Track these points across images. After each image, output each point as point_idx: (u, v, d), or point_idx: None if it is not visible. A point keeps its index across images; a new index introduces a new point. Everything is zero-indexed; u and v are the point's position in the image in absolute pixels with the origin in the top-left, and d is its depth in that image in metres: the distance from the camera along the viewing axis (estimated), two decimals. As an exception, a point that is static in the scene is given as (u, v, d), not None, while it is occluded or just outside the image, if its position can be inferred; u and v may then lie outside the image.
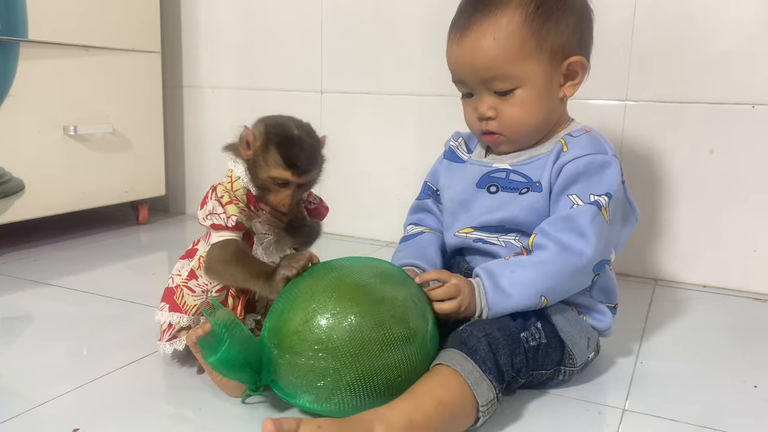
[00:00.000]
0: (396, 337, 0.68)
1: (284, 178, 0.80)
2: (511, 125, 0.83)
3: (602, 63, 1.28)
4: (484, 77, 0.82)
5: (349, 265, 0.75)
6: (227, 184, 0.83)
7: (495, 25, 0.80)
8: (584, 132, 0.84)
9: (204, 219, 0.82)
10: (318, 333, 0.67)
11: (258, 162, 0.81)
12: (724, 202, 1.25)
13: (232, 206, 0.81)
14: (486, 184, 0.86)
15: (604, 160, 0.80)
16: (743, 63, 1.19)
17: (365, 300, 0.69)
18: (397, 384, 0.68)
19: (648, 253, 1.32)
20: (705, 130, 1.24)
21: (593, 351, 0.85)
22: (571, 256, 0.76)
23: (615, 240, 0.82)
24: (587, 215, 0.77)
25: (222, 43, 1.71)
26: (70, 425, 0.71)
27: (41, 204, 1.42)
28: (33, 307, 1.10)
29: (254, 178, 0.82)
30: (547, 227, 0.78)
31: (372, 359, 0.67)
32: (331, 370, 0.67)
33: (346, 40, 1.54)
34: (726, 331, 1.07)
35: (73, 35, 1.44)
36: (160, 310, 0.85)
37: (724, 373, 0.90)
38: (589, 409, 0.78)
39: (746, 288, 1.25)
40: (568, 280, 0.78)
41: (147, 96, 1.66)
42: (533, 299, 0.76)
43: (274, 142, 0.80)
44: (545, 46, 0.80)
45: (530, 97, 0.81)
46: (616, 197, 0.80)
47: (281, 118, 0.84)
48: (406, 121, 1.51)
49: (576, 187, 0.79)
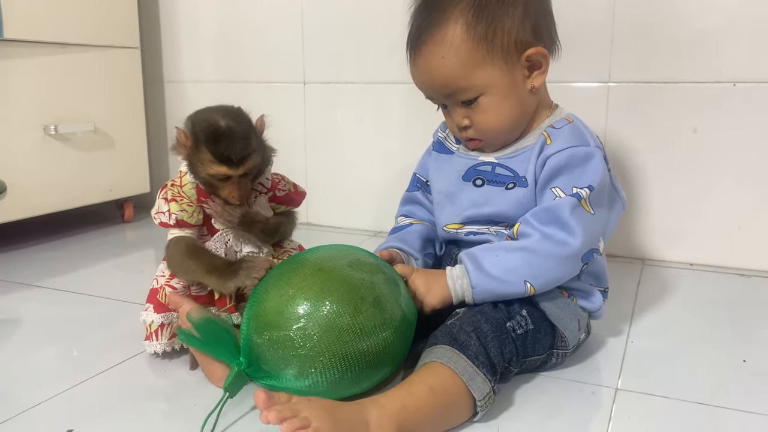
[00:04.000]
0: (375, 322, 0.69)
1: (222, 174, 0.78)
2: (486, 131, 0.83)
3: (584, 45, 1.29)
4: (445, 93, 0.82)
5: (325, 252, 0.76)
6: (177, 180, 0.83)
7: (440, 42, 0.79)
8: (566, 123, 0.83)
9: (153, 217, 0.83)
10: (296, 316, 0.69)
11: (194, 162, 0.80)
12: (708, 180, 1.26)
13: (174, 204, 0.81)
14: (472, 177, 0.86)
15: (587, 152, 0.80)
16: (724, 41, 1.20)
17: (342, 286, 0.70)
18: (376, 361, 0.70)
19: (634, 234, 1.33)
20: (688, 109, 1.25)
21: (584, 332, 0.86)
22: (555, 245, 0.76)
23: (602, 229, 0.82)
24: (566, 207, 0.77)
25: (202, 37, 1.69)
26: (64, 426, 0.70)
27: (25, 205, 1.40)
28: (21, 310, 1.09)
29: (197, 176, 0.82)
30: (530, 218, 0.79)
31: (349, 344, 0.68)
32: (312, 343, 0.68)
33: (327, 29, 1.53)
34: (713, 307, 1.08)
35: (49, 33, 1.42)
36: (144, 310, 0.85)
37: (713, 348, 0.91)
38: (583, 389, 0.79)
39: (732, 265, 1.26)
40: (554, 269, 0.77)
41: (128, 92, 1.64)
42: (518, 285, 0.76)
43: (202, 141, 0.78)
44: (495, 49, 0.79)
45: (496, 101, 0.81)
46: (600, 188, 0.80)
47: (207, 112, 0.81)
48: (391, 110, 1.50)
49: (559, 179, 0.79)
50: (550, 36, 0.84)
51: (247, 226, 0.83)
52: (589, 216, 0.78)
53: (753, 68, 1.19)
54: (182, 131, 0.80)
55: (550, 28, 0.84)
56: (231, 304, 0.82)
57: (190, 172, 0.82)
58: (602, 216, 0.81)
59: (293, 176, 0.93)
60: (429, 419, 0.67)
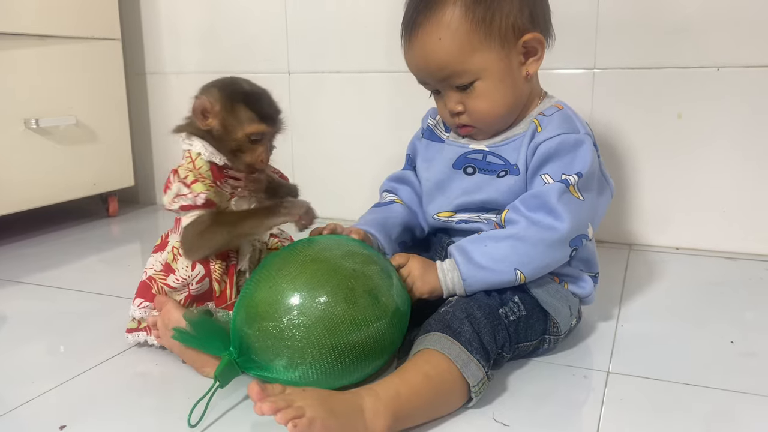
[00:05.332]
0: (367, 313, 0.69)
1: (261, 132, 0.81)
2: (481, 117, 0.83)
3: (569, 32, 1.29)
4: (440, 77, 0.81)
5: (317, 243, 0.76)
6: (188, 164, 0.81)
7: (437, 24, 0.78)
8: (557, 110, 0.83)
9: (171, 203, 0.81)
10: (287, 308, 0.68)
11: (227, 126, 0.80)
12: (693, 164, 1.27)
13: (198, 184, 0.79)
14: (462, 165, 0.86)
15: (577, 139, 0.80)
16: (707, 26, 1.21)
17: (334, 277, 0.70)
18: (368, 352, 0.70)
19: (621, 219, 1.34)
20: (672, 94, 1.25)
21: (576, 318, 0.86)
22: (542, 231, 0.76)
23: (591, 214, 0.82)
24: (554, 193, 0.77)
25: (184, 27, 1.67)
26: (55, 423, 0.70)
27: (6, 201, 1.38)
28: (5, 307, 1.07)
29: (222, 146, 0.81)
30: (519, 204, 0.79)
31: (341, 336, 0.68)
32: (303, 334, 0.67)
33: (311, 18, 1.52)
34: (700, 290, 1.10)
35: (28, 25, 1.39)
36: (139, 306, 0.83)
37: (701, 331, 0.92)
38: (575, 373, 0.79)
39: (717, 248, 1.28)
40: (542, 254, 0.77)
41: (110, 85, 1.61)
42: (509, 273, 0.77)
43: (239, 101, 0.80)
44: (493, 33, 0.78)
45: (492, 86, 0.80)
46: (589, 174, 0.79)
47: (227, 79, 0.84)
48: (377, 99, 1.50)
49: (548, 166, 0.80)
50: (546, 23, 0.84)
51: (272, 191, 0.84)
52: (577, 201, 0.78)
53: (736, 53, 1.20)
54: (206, 99, 0.80)
55: (546, 15, 0.84)
56: (230, 302, 0.81)
57: (211, 143, 0.81)
58: (591, 202, 0.81)
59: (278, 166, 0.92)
60: (424, 406, 0.67)
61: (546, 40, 0.83)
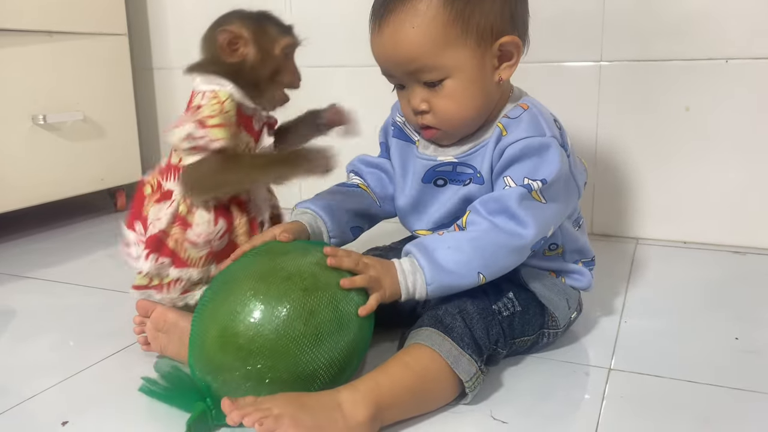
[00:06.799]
0: (326, 324, 0.67)
1: (293, 43, 0.87)
2: (446, 119, 0.78)
3: (576, 24, 1.28)
4: (408, 69, 0.76)
5: (256, 267, 0.71)
6: (215, 104, 0.78)
7: (413, 11, 0.73)
8: (522, 110, 0.78)
9: (180, 142, 0.77)
10: (237, 341, 0.65)
11: (263, 47, 0.83)
12: (701, 158, 1.25)
13: (218, 130, 0.76)
14: (432, 178, 0.83)
15: (542, 143, 0.75)
16: (716, 17, 1.19)
17: (282, 291, 0.67)
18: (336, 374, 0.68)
19: (628, 213, 1.33)
20: (680, 87, 1.24)
21: (575, 311, 0.85)
22: (506, 236, 0.73)
23: (555, 218, 0.78)
24: (514, 197, 0.73)
25: (190, 22, 1.67)
26: (59, 418, 0.70)
27: (15, 197, 1.39)
28: (14, 302, 1.08)
29: (259, 74, 0.83)
30: (479, 206, 0.75)
31: (302, 351, 0.65)
32: (267, 369, 0.65)
33: (315, 11, 1.51)
34: (707, 285, 1.08)
35: (35, 21, 1.40)
36: (154, 261, 0.80)
37: (706, 327, 0.91)
38: (576, 370, 0.79)
39: (725, 242, 1.27)
40: (504, 258, 0.74)
41: (117, 80, 1.62)
42: (472, 276, 0.73)
43: (266, 23, 0.86)
44: (471, 30, 0.73)
45: (462, 86, 0.75)
46: (555, 181, 0.75)
47: (234, 11, 0.89)
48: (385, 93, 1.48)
49: (511, 169, 0.76)
50: (524, 27, 0.79)
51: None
52: (539, 205, 0.75)
53: (745, 45, 1.18)
54: (232, 30, 0.83)
55: (525, 20, 0.80)
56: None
57: (249, 71, 0.83)
58: (555, 206, 0.77)
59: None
60: (408, 395, 0.66)
61: (522, 46, 0.78)
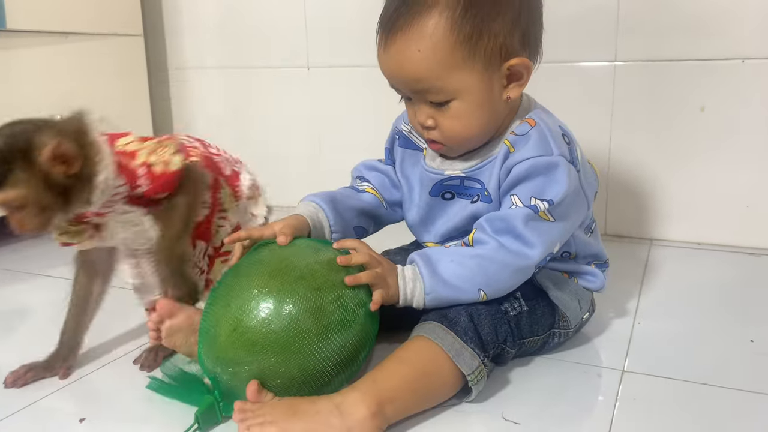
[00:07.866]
0: (334, 323, 0.67)
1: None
2: (452, 137, 0.77)
3: (590, 24, 1.27)
4: (414, 89, 0.75)
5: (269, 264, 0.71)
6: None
7: (419, 33, 0.71)
8: (529, 127, 0.76)
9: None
10: (250, 337, 0.65)
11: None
12: (717, 158, 1.24)
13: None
14: (439, 192, 0.83)
15: (549, 162, 0.74)
16: (731, 17, 1.18)
17: (293, 290, 0.67)
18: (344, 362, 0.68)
19: (642, 213, 1.32)
20: (695, 87, 1.23)
21: (587, 311, 0.85)
22: (512, 256, 0.73)
23: (562, 235, 0.78)
24: (520, 218, 0.73)
25: (205, 23, 1.68)
26: (76, 415, 0.71)
27: (33, 195, 1.41)
28: (31, 299, 1.10)
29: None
30: (485, 224, 0.75)
31: (312, 348, 0.66)
32: (277, 364, 0.66)
33: (330, 12, 1.52)
34: (721, 287, 1.08)
35: (51, 22, 1.42)
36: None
37: (720, 329, 0.90)
38: (588, 371, 0.79)
39: (740, 243, 1.25)
40: (509, 278, 0.74)
41: (132, 80, 1.63)
42: (472, 292, 0.73)
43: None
44: (478, 53, 0.72)
45: (468, 108, 0.74)
46: (562, 200, 0.74)
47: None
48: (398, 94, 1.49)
49: (519, 187, 0.75)
50: (536, 44, 0.78)
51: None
52: (546, 224, 0.74)
53: (761, 45, 1.17)
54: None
55: (538, 36, 0.78)
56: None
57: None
58: (563, 223, 0.76)
59: (298, 161, 0.91)
60: (407, 389, 0.67)
61: (534, 62, 0.77)
